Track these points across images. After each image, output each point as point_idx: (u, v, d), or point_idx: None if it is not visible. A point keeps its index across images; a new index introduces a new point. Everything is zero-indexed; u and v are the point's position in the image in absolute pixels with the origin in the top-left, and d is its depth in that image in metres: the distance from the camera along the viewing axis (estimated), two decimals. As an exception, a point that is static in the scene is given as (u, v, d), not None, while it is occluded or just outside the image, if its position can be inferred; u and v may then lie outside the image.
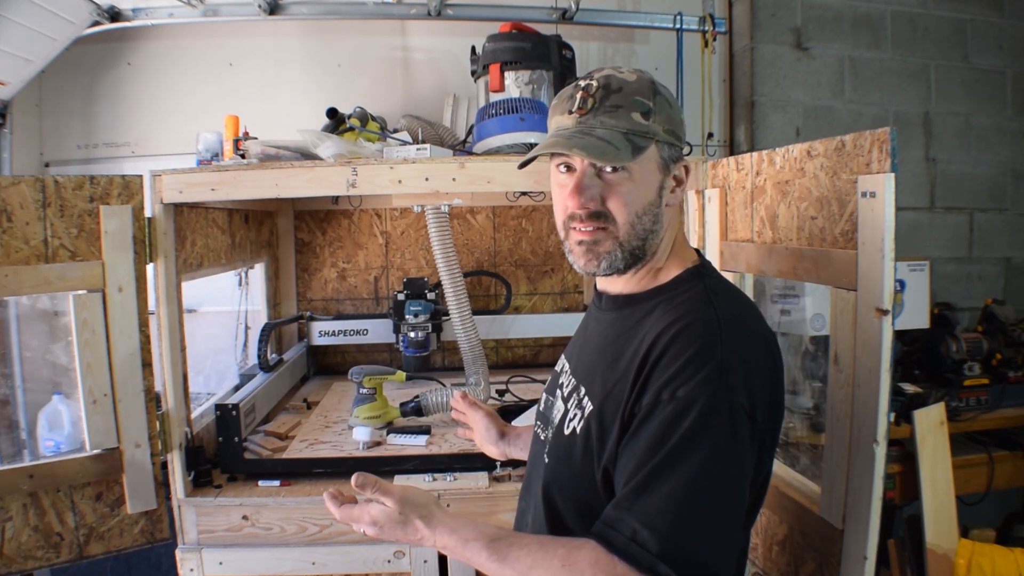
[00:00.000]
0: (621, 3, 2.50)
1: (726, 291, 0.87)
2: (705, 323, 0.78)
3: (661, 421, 0.73)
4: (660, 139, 0.86)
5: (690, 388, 0.73)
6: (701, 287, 0.85)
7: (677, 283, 0.87)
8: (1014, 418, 2.18)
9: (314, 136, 1.54)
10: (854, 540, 1.08)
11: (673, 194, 0.89)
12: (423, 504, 0.84)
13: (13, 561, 1.36)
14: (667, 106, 0.87)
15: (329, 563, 1.48)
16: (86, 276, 1.38)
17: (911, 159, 2.59)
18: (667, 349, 0.77)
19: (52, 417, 1.85)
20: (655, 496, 0.71)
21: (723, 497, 0.73)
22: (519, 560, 0.76)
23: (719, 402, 0.73)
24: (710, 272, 0.90)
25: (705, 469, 0.71)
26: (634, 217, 0.86)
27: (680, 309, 0.82)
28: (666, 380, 0.75)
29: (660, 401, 0.74)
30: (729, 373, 0.74)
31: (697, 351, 0.75)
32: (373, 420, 1.71)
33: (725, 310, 0.81)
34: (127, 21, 2.16)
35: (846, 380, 1.10)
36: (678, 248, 0.91)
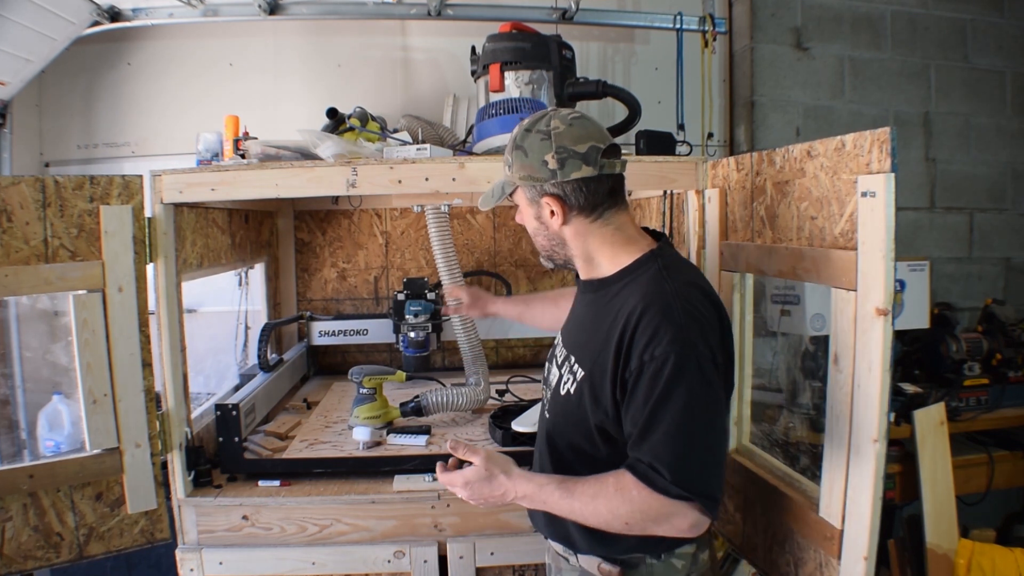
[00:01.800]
0: (621, 3, 2.50)
1: (676, 266, 1.06)
2: (663, 293, 0.99)
3: (648, 377, 0.95)
4: (519, 184, 1.07)
5: (662, 348, 0.94)
6: (657, 267, 1.04)
7: (637, 265, 1.06)
8: (1014, 418, 2.18)
9: (314, 136, 1.54)
10: (854, 540, 1.08)
11: (554, 218, 1.06)
12: (503, 462, 1.05)
13: (13, 561, 1.36)
14: (521, 155, 1.05)
15: (329, 563, 1.48)
16: (86, 276, 1.38)
17: (911, 159, 2.59)
18: (639, 323, 0.97)
19: (52, 417, 1.85)
20: (656, 434, 0.94)
21: (707, 424, 0.96)
22: (584, 492, 0.99)
23: (686, 354, 0.94)
24: (664, 252, 1.07)
25: (687, 406, 0.93)
26: (533, 237, 1.13)
27: (643, 288, 1.01)
28: (643, 347, 0.95)
29: (643, 363, 0.95)
30: (688, 331, 0.95)
31: (661, 319, 0.96)
32: (373, 420, 1.71)
33: (676, 282, 1.01)
34: (127, 21, 2.16)
35: (846, 380, 1.10)
36: (627, 242, 1.08)
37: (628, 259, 1.07)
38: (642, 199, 2.14)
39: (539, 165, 1.03)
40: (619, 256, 1.07)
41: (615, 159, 1.05)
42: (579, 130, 1.03)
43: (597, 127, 1.06)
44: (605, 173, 1.03)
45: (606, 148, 1.03)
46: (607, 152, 1.04)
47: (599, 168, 1.02)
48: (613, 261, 1.08)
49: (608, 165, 1.03)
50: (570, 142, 1.02)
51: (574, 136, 1.02)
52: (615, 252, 1.08)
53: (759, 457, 1.45)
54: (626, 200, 1.10)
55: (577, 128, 1.03)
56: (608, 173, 1.04)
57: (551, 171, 1.02)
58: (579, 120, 1.05)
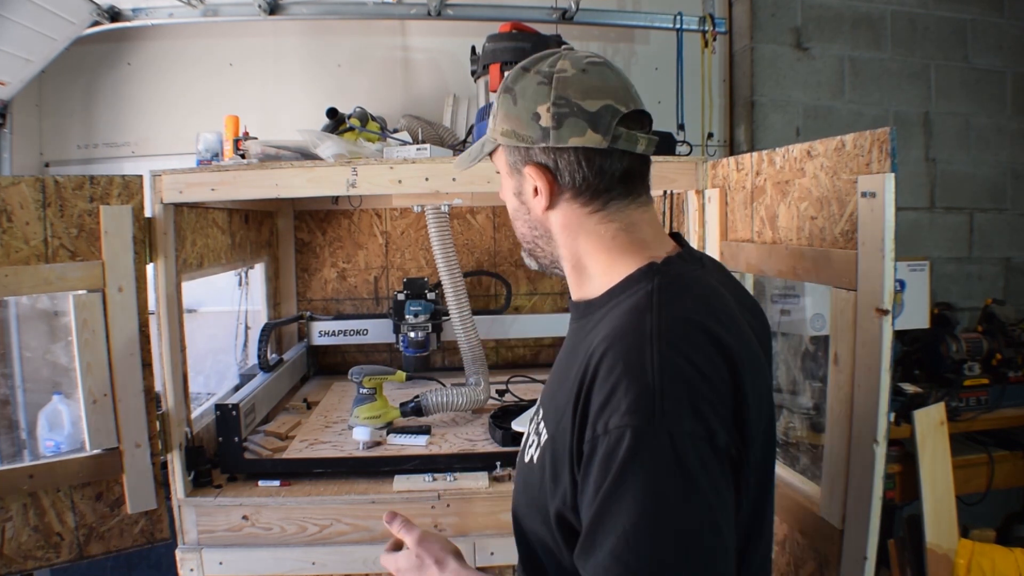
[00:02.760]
0: (621, 3, 2.50)
1: (676, 289, 0.71)
2: (635, 333, 0.65)
3: (598, 461, 0.62)
4: (500, 143, 0.80)
5: (618, 418, 0.61)
6: (648, 289, 0.70)
7: (627, 284, 0.74)
8: (1014, 418, 2.18)
9: (314, 136, 1.54)
10: (854, 540, 1.08)
11: (537, 198, 0.77)
12: (439, 547, 0.84)
13: (13, 561, 1.36)
14: (508, 102, 0.77)
15: (329, 563, 1.48)
16: (86, 276, 1.38)
17: (911, 159, 2.59)
18: (598, 371, 0.65)
19: (52, 417, 1.85)
20: (601, 552, 0.61)
21: (674, 542, 0.59)
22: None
23: (652, 432, 0.59)
24: (670, 268, 0.74)
25: (642, 515, 0.59)
26: (512, 220, 0.85)
27: (619, 319, 0.69)
28: (598, 409, 0.63)
29: (597, 435, 0.63)
30: (663, 396, 0.60)
31: (623, 371, 0.63)
32: (373, 420, 1.71)
33: (665, 315, 0.66)
34: (127, 21, 2.16)
35: (846, 380, 1.10)
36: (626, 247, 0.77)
37: (623, 274, 0.75)
38: (642, 199, 2.13)
39: (528, 119, 0.75)
40: (615, 266, 0.76)
41: (639, 133, 0.74)
42: (594, 80, 0.74)
43: (622, 81, 0.76)
44: (619, 148, 0.73)
45: (628, 113, 0.73)
46: (628, 119, 0.74)
47: (612, 139, 0.72)
48: (606, 275, 0.77)
49: (626, 138, 0.73)
50: (577, 94, 0.73)
51: (585, 87, 0.73)
52: (612, 262, 0.77)
53: (759, 457, 1.45)
54: (648, 194, 0.80)
55: (592, 77, 0.74)
56: (624, 149, 0.74)
57: (542, 130, 0.74)
58: (598, 67, 0.75)
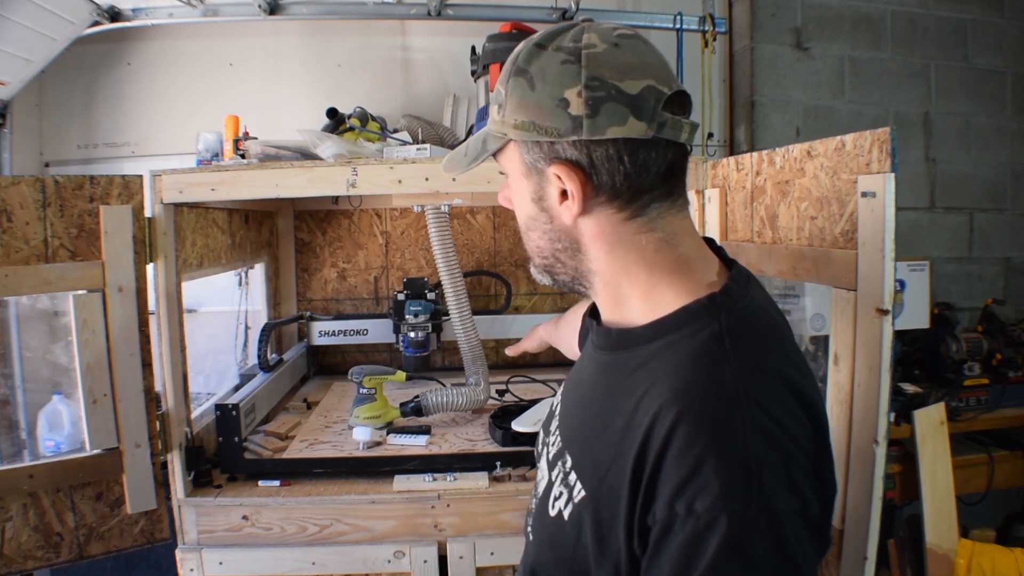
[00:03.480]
0: (621, 3, 2.50)
1: (750, 330, 0.61)
2: (717, 393, 0.56)
3: (680, 544, 0.53)
4: (514, 137, 0.65)
5: (710, 501, 0.52)
6: (716, 330, 0.60)
7: (684, 319, 0.62)
8: (1014, 418, 2.18)
9: (314, 136, 1.54)
10: (854, 540, 1.08)
11: (566, 203, 0.64)
12: None
13: (13, 561, 1.36)
14: (524, 88, 0.63)
15: (329, 563, 1.48)
16: (86, 276, 1.38)
17: (911, 159, 2.59)
18: (672, 436, 0.55)
19: (52, 417, 1.85)
20: None
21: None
22: None
23: (751, 517, 0.52)
24: (733, 300, 0.63)
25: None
26: (523, 232, 0.70)
27: (684, 369, 0.59)
28: (678, 486, 0.54)
29: (675, 515, 0.53)
30: (759, 471, 0.52)
31: (710, 444, 0.53)
32: (373, 420, 1.71)
33: (746, 366, 0.57)
34: (127, 21, 2.16)
35: (846, 380, 1.10)
36: (667, 277, 0.66)
37: (671, 300, 0.64)
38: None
39: (553, 107, 0.61)
40: (658, 290, 0.65)
41: (683, 118, 0.62)
42: (630, 56, 0.61)
43: (658, 57, 0.63)
44: (664, 138, 0.61)
45: (672, 95, 0.61)
46: (672, 103, 0.61)
47: (657, 127, 0.60)
48: (649, 299, 0.65)
49: (672, 125, 0.60)
50: (613, 73, 0.59)
51: (621, 64, 0.60)
52: (653, 283, 0.65)
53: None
54: (687, 194, 0.69)
55: (627, 53, 0.61)
56: (669, 139, 0.61)
57: (572, 119, 0.60)
58: (632, 40, 0.62)
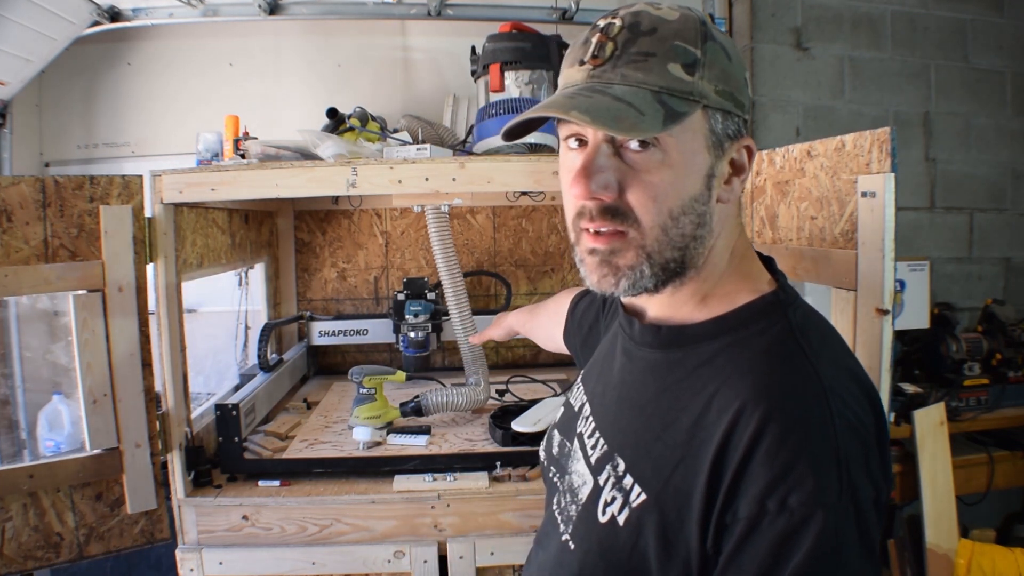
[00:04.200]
0: (621, 3, 2.49)
1: (817, 330, 0.63)
2: (803, 390, 0.57)
3: (771, 540, 0.54)
4: (710, 103, 0.60)
5: (805, 495, 0.53)
6: (785, 327, 0.61)
7: (749, 316, 0.63)
8: (1014, 418, 2.18)
9: (314, 136, 1.54)
10: (854, 540, 1.08)
11: (729, 186, 0.64)
12: None
13: (13, 561, 1.36)
14: (722, 56, 0.62)
15: (329, 563, 1.48)
16: (86, 276, 1.38)
17: (911, 159, 2.59)
18: (761, 435, 0.55)
19: (52, 417, 1.85)
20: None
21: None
22: None
23: (844, 508, 0.53)
24: (792, 299, 0.64)
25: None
26: (667, 218, 0.61)
27: (763, 365, 0.59)
28: (769, 483, 0.55)
29: (766, 512, 0.54)
30: (850, 464, 0.55)
31: (806, 441, 0.55)
32: (373, 420, 1.70)
33: (826, 365, 0.59)
34: (127, 21, 2.16)
35: (846, 380, 1.10)
36: (741, 262, 0.66)
37: (738, 295, 0.65)
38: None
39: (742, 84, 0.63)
40: (727, 283, 0.66)
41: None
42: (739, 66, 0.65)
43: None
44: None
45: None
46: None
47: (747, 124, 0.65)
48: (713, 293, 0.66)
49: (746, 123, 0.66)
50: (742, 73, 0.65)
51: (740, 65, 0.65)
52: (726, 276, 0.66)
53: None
54: None
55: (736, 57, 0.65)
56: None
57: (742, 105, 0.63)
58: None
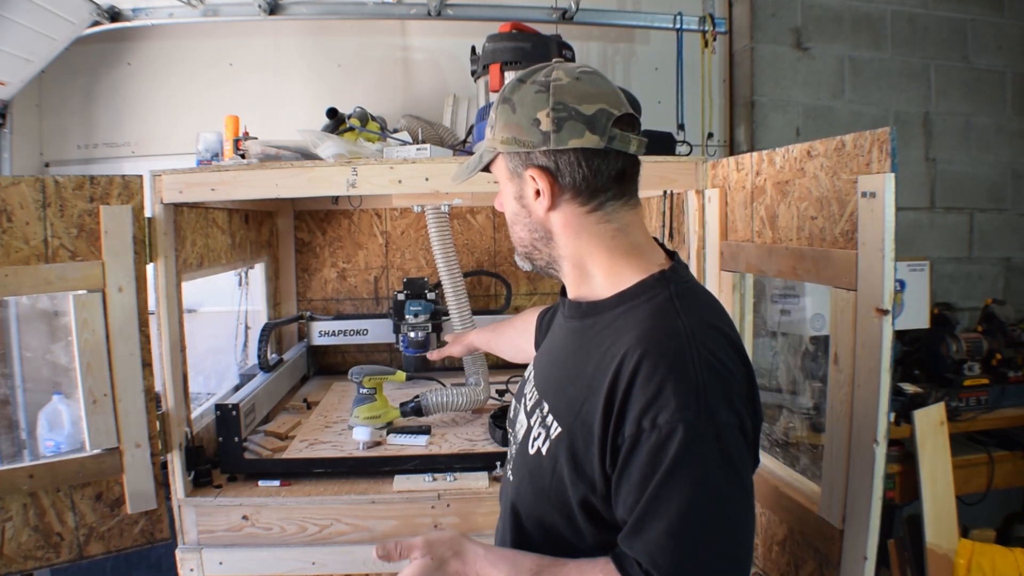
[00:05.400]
0: (621, 3, 2.50)
1: (693, 297, 0.81)
2: (674, 336, 0.74)
3: (648, 451, 0.71)
4: (502, 150, 0.85)
5: (669, 414, 0.70)
6: (667, 296, 0.79)
7: (641, 289, 0.81)
8: (1014, 418, 2.18)
9: (314, 136, 1.54)
10: (854, 540, 1.08)
11: (539, 200, 0.83)
12: (448, 540, 0.83)
13: (13, 561, 1.36)
14: (508, 112, 0.83)
15: (329, 563, 1.48)
16: (86, 276, 1.38)
17: (911, 159, 2.59)
18: (638, 370, 0.72)
19: (52, 417, 1.85)
20: (653, 532, 0.71)
21: (723, 523, 0.71)
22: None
23: (702, 427, 0.70)
24: (679, 276, 0.83)
25: (697, 497, 0.70)
26: (510, 226, 0.90)
27: (645, 322, 0.77)
28: (644, 407, 0.71)
29: (642, 430, 0.71)
30: (707, 392, 0.71)
31: (669, 372, 0.71)
32: (373, 420, 1.71)
33: (693, 319, 0.76)
34: (127, 21, 2.16)
35: (846, 380, 1.10)
36: (632, 253, 0.84)
37: (630, 277, 0.82)
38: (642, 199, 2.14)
39: (528, 125, 0.80)
40: (619, 270, 0.83)
41: (631, 134, 0.81)
42: (588, 86, 0.80)
43: (613, 88, 0.83)
44: (615, 148, 0.80)
45: (621, 116, 0.81)
46: (621, 122, 0.81)
47: (608, 140, 0.79)
48: (611, 276, 0.84)
49: (620, 139, 0.80)
50: (573, 99, 0.79)
51: (580, 93, 0.80)
52: (614, 263, 0.84)
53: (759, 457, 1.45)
54: (637, 196, 0.87)
55: (586, 84, 0.81)
56: (619, 149, 0.80)
57: (543, 134, 0.79)
58: (590, 75, 0.82)
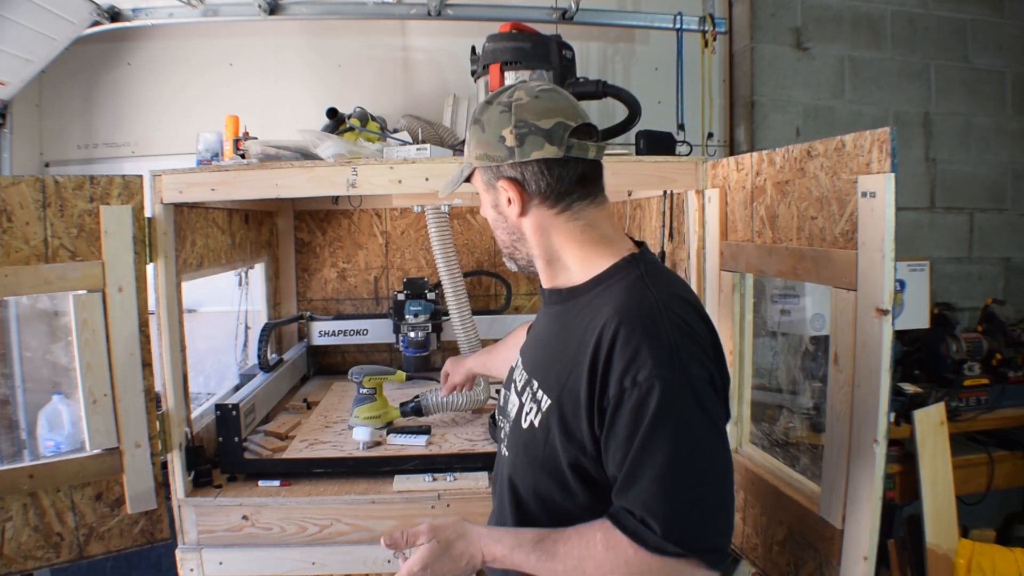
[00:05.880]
0: (621, 3, 2.50)
1: (660, 274, 0.91)
2: (646, 306, 0.83)
3: (631, 408, 0.79)
4: (476, 165, 0.95)
5: (647, 372, 0.78)
6: (637, 274, 0.89)
7: (614, 271, 0.90)
8: (1014, 418, 2.18)
9: (314, 136, 1.54)
10: (854, 540, 1.08)
11: (511, 206, 0.92)
12: (452, 524, 0.88)
13: (13, 561, 1.36)
14: (479, 131, 0.93)
15: (329, 563, 1.48)
16: (86, 276, 1.38)
17: (911, 159, 2.59)
18: (616, 337, 0.81)
19: (52, 417, 1.85)
20: (645, 480, 0.78)
21: (706, 466, 0.80)
22: (568, 554, 0.82)
23: (677, 381, 0.78)
24: (647, 259, 0.92)
25: (680, 444, 0.78)
26: (492, 230, 1.00)
27: (620, 297, 0.86)
28: (624, 369, 0.79)
29: (624, 389, 0.79)
30: (679, 350, 0.79)
31: (643, 336, 0.80)
32: (373, 420, 1.71)
33: (661, 291, 0.85)
34: (127, 21, 2.16)
35: (846, 380, 1.10)
36: (601, 243, 0.93)
37: (602, 263, 0.92)
38: (642, 199, 2.13)
39: (496, 142, 0.90)
40: (591, 259, 0.93)
41: (588, 142, 0.91)
42: (546, 103, 0.90)
43: (570, 103, 0.92)
44: (573, 156, 0.90)
45: (577, 127, 0.90)
46: (578, 132, 0.90)
47: (566, 149, 0.89)
48: (584, 265, 0.93)
49: (578, 147, 0.90)
50: (533, 116, 0.89)
51: (539, 110, 0.89)
52: (586, 254, 0.93)
53: (759, 457, 1.45)
54: (604, 194, 0.97)
55: (544, 101, 0.90)
56: (578, 156, 0.90)
57: (508, 149, 0.89)
58: (548, 92, 0.92)
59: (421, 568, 0.86)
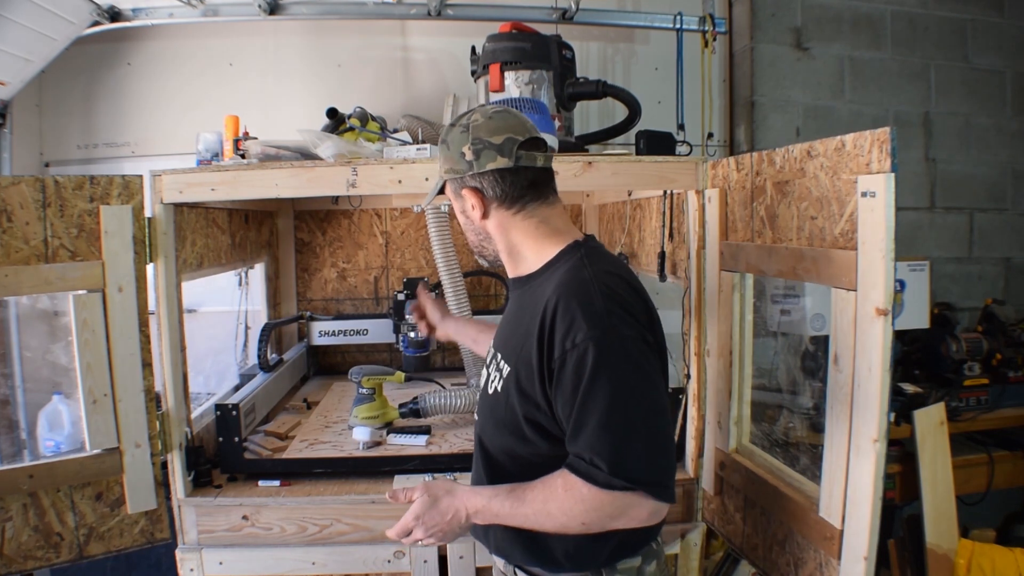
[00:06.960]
0: (621, 3, 2.50)
1: (599, 256, 1.05)
2: (581, 281, 0.98)
3: (572, 367, 0.92)
4: (445, 177, 1.10)
5: (583, 334, 0.92)
6: (579, 256, 1.03)
7: (560, 256, 1.05)
8: (1014, 418, 2.18)
9: (314, 136, 1.54)
10: (854, 540, 1.08)
11: (475, 211, 1.07)
12: (441, 483, 1.05)
13: (13, 561, 1.36)
14: (445, 149, 1.08)
15: (329, 563, 1.48)
16: (86, 276, 1.38)
17: (911, 159, 2.59)
18: (557, 309, 0.95)
19: (52, 417, 1.85)
20: (589, 428, 0.92)
21: (642, 409, 0.93)
22: (535, 499, 0.97)
23: (608, 338, 0.92)
24: (589, 245, 1.07)
25: (616, 393, 0.91)
26: (464, 232, 1.15)
27: (562, 276, 1.01)
28: (564, 334, 0.94)
29: (565, 350, 0.93)
30: (609, 315, 0.93)
31: (578, 305, 0.94)
32: (372, 420, 1.71)
33: (596, 269, 1.00)
34: (127, 21, 2.16)
35: (846, 380, 1.10)
36: (554, 236, 1.07)
37: (552, 251, 1.06)
38: (642, 199, 2.13)
39: (458, 157, 1.05)
40: (544, 249, 1.07)
41: (535, 152, 1.06)
42: (497, 123, 1.05)
43: (519, 121, 1.07)
44: (523, 165, 1.04)
45: (524, 141, 1.04)
46: (526, 145, 1.05)
47: (515, 160, 1.03)
48: (539, 254, 1.07)
49: (527, 158, 1.04)
50: (486, 134, 1.04)
51: (491, 128, 1.04)
52: (540, 245, 1.07)
53: (759, 457, 1.45)
54: (555, 195, 1.11)
55: (496, 121, 1.05)
56: (527, 165, 1.05)
57: (468, 163, 1.04)
58: (500, 114, 1.07)
59: (414, 518, 1.01)
